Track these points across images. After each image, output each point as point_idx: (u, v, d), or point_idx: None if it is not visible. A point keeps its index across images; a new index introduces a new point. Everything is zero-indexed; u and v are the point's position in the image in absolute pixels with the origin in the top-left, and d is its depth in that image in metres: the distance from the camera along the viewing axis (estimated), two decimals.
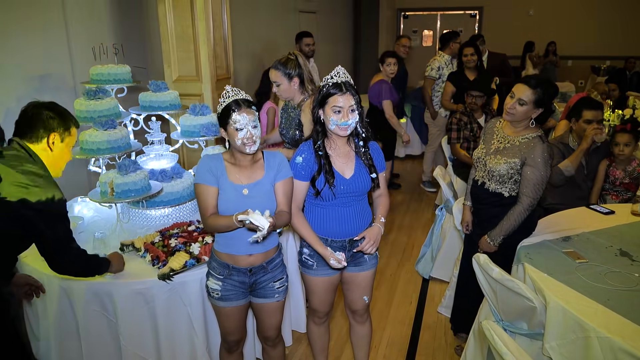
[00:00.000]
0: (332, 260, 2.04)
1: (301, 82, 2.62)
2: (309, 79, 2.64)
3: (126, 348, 2.19)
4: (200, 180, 1.92)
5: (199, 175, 1.93)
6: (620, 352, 1.64)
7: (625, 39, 9.09)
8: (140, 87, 3.24)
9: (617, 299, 1.88)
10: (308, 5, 7.61)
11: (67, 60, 3.39)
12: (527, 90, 2.32)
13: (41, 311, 2.30)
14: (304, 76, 2.61)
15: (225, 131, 1.92)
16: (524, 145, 2.38)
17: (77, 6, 3.42)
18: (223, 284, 2.00)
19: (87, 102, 2.75)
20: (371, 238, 2.09)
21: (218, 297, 2.02)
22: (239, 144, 1.89)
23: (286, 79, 2.59)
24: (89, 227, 2.73)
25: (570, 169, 2.98)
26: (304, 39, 4.99)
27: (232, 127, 1.87)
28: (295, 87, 2.62)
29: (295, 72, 2.58)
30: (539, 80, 2.33)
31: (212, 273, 2.03)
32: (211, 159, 1.97)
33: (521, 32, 9.24)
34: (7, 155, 1.77)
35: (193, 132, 2.95)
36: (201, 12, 3.64)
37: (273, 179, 1.99)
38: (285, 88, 2.62)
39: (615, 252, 2.28)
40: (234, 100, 1.89)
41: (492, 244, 2.46)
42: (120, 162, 2.53)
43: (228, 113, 1.88)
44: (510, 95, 2.39)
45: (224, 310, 2.05)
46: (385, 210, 2.21)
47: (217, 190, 1.92)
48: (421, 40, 10.73)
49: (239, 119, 1.86)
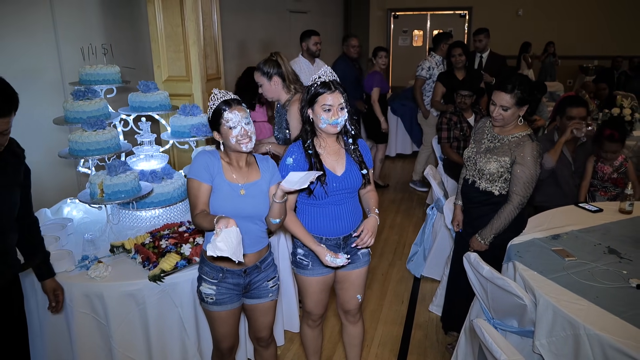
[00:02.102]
0: (327, 256, 2.05)
1: (283, 81, 2.62)
2: (294, 78, 2.65)
3: (117, 350, 2.17)
4: (194, 176, 1.89)
5: (194, 170, 1.89)
6: (609, 348, 1.66)
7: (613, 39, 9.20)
8: (129, 87, 3.22)
9: (606, 296, 1.90)
10: (299, 6, 7.61)
11: (55, 60, 3.36)
12: (505, 96, 2.36)
13: (33, 313, 2.28)
14: (284, 75, 2.61)
15: (219, 133, 1.90)
16: (514, 143, 2.41)
17: (66, 6, 3.39)
18: (217, 287, 1.96)
19: (75, 103, 2.73)
20: (369, 229, 2.10)
21: (213, 301, 1.97)
22: (233, 142, 1.87)
23: (265, 78, 2.61)
24: (78, 228, 2.71)
25: (550, 162, 3.00)
26: (312, 38, 4.78)
27: (226, 127, 1.86)
28: (277, 86, 2.63)
29: (273, 70, 2.60)
30: (514, 83, 2.35)
31: (204, 278, 1.98)
32: (209, 154, 1.94)
33: (510, 32, 9.32)
34: None
35: (183, 133, 2.94)
36: (191, 12, 3.62)
37: (269, 182, 1.99)
38: (267, 88, 2.64)
39: (604, 249, 2.31)
40: (223, 100, 1.88)
41: (483, 243, 2.48)
42: (110, 163, 2.51)
43: (219, 113, 1.87)
44: (491, 103, 2.43)
45: (218, 315, 2.01)
46: (376, 203, 2.23)
47: (210, 188, 1.90)
48: (411, 40, 10.78)
49: (231, 117, 1.85)
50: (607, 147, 3.19)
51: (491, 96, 2.43)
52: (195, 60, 3.71)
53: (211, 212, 1.90)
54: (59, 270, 2.19)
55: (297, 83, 2.67)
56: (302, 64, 4.74)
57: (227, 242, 1.61)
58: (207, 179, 1.88)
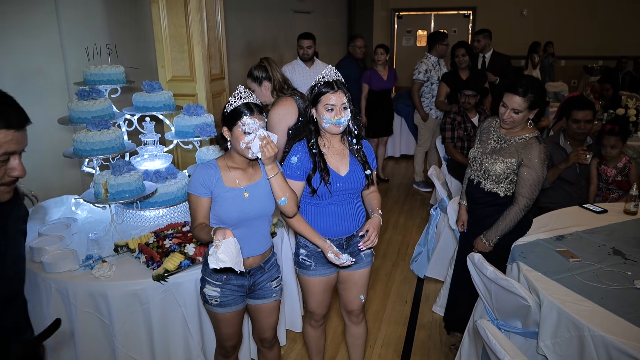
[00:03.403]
0: (330, 253, 2.04)
1: (273, 86, 2.66)
2: (280, 85, 2.68)
3: (120, 350, 2.18)
4: (192, 191, 1.89)
5: (192, 186, 1.89)
6: (613, 349, 1.66)
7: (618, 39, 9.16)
8: (134, 87, 3.23)
9: (611, 297, 1.90)
10: (302, 6, 7.61)
11: (60, 60, 3.37)
12: (518, 99, 2.33)
13: (36, 312, 2.29)
14: (274, 80, 2.65)
15: (230, 132, 1.87)
16: (521, 145, 2.40)
17: (70, 6, 3.40)
18: (222, 289, 1.96)
19: (80, 103, 2.74)
20: (375, 229, 2.10)
21: (217, 303, 1.97)
22: (242, 147, 1.85)
23: (256, 84, 2.67)
24: (82, 228, 2.72)
25: (546, 183, 2.98)
26: (300, 41, 4.82)
27: (240, 129, 1.83)
28: (267, 91, 2.67)
29: (262, 75, 2.65)
30: (527, 86, 2.32)
31: (208, 280, 1.96)
32: (206, 168, 1.91)
33: (515, 32, 9.29)
34: None
35: (187, 133, 2.95)
36: (195, 12, 3.63)
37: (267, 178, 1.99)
38: (258, 93, 2.68)
39: (608, 250, 2.30)
40: (246, 103, 1.84)
41: (487, 244, 2.47)
42: (114, 163, 2.52)
43: (238, 114, 1.83)
44: (502, 104, 2.40)
45: (223, 317, 2.00)
46: (379, 203, 2.23)
47: (209, 201, 1.89)
48: (415, 40, 10.76)
49: (250, 122, 1.82)
50: (606, 141, 3.18)
51: (498, 97, 2.41)
52: (200, 61, 3.72)
53: (218, 219, 1.91)
54: (63, 269, 2.20)
55: (285, 89, 2.68)
56: (296, 67, 4.76)
57: (228, 253, 1.64)
58: (204, 193, 1.88)
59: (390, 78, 5.56)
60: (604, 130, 3.22)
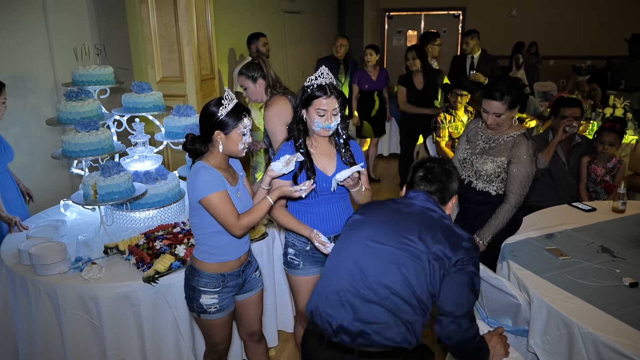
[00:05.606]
0: (317, 242, 2.03)
1: (268, 83, 2.68)
2: (274, 83, 2.69)
3: (111, 352, 2.16)
4: (213, 190, 1.79)
5: (210, 185, 1.79)
6: (602, 346, 1.67)
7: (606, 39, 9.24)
8: (123, 88, 3.21)
9: (600, 295, 1.91)
10: (293, 6, 7.61)
11: (48, 61, 3.35)
12: (496, 104, 2.37)
13: (24, 315, 2.27)
14: (268, 78, 2.67)
15: (226, 136, 1.84)
16: (509, 143, 2.42)
17: (58, 6, 3.38)
18: (219, 294, 1.94)
19: (68, 104, 2.71)
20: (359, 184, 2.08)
21: (217, 310, 1.94)
22: (240, 148, 1.87)
23: (250, 81, 2.67)
24: (72, 229, 2.70)
25: (543, 162, 3.02)
26: (260, 39, 4.74)
27: (240, 132, 1.84)
28: (260, 88, 2.68)
29: (258, 74, 2.66)
30: (502, 90, 2.35)
31: (204, 290, 1.92)
32: (208, 170, 1.85)
33: (504, 32, 9.34)
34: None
35: (177, 134, 2.93)
36: (185, 12, 3.62)
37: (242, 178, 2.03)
38: (252, 90, 2.69)
39: (597, 248, 2.32)
40: (243, 105, 1.88)
41: (482, 243, 2.48)
42: (104, 164, 2.50)
43: (239, 117, 1.83)
44: (483, 110, 2.43)
45: (221, 321, 1.98)
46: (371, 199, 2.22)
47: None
48: (406, 40, 10.80)
49: (248, 124, 1.86)
50: (606, 137, 3.20)
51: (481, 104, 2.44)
52: (190, 61, 3.70)
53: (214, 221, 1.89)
54: (52, 272, 2.18)
55: (277, 87, 2.70)
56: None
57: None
58: (223, 186, 1.84)
59: (380, 78, 5.54)
60: (604, 127, 3.26)
